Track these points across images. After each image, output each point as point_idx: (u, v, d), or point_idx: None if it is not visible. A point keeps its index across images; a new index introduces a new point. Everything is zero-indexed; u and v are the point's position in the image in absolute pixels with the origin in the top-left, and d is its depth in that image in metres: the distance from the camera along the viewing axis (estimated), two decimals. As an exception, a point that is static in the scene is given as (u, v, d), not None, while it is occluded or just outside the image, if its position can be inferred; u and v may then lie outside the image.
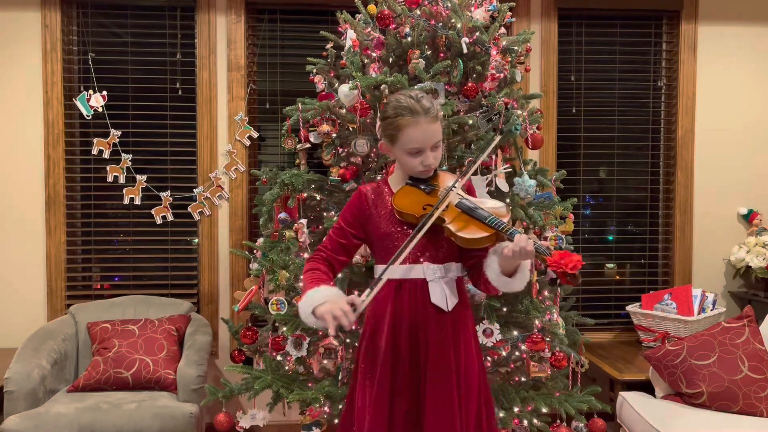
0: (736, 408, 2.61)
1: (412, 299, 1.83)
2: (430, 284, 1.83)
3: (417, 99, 1.80)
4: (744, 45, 3.68)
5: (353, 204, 1.91)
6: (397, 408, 1.82)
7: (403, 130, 1.79)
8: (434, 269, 1.84)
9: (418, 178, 1.87)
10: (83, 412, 2.73)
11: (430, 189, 1.85)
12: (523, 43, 2.62)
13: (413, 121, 1.78)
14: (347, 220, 1.90)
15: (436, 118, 1.81)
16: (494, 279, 1.79)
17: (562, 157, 3.66)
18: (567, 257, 1.59)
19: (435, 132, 1.81)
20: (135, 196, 3.43)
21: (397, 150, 1.84)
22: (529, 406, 2.49)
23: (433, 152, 1.83)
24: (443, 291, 1.83)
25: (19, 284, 3.41)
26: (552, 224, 2.57)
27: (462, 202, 1.80)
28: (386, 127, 1.84)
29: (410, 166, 1.85)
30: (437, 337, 1.82)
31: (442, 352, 1.82)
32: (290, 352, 2.52)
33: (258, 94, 3.56)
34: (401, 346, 1.83)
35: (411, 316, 1.83)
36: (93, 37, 3.46)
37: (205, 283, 3.49)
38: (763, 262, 3.44)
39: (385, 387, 1.82)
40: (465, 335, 1.88)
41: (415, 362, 1.83)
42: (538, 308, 2.48)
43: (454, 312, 1.85)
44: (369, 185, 1.96)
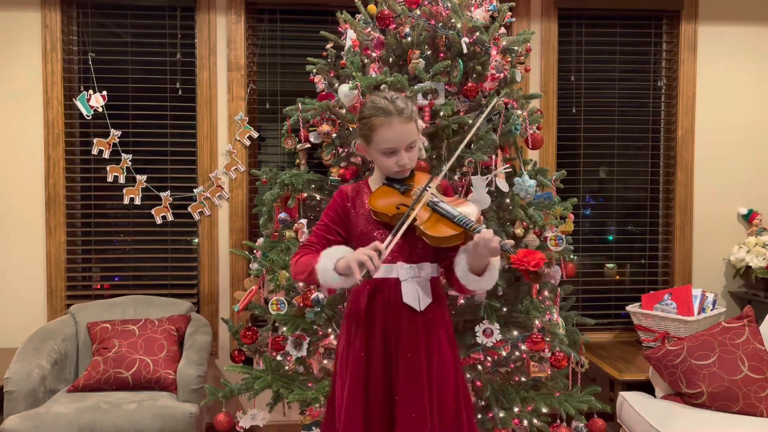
0: (736, 408, 2.61)
1: (386, 299, 1.85)
2: (402, 284, 1.84)
3: (391, 100, 1.82)
4: (744, 45, 3.68)
5: (336, 202, 1.94)
6: (373, 408, 1.83)
7: (376, 131, 1.82)
8: (408, 269, 1.85)
9: (395, 178, 1.89)
10: (83, 412, 2.73)
11: (404, 189, 1.87)
12: (523, 43, 2.62)
13: (386, 121, 1.80)
14: (331, 218, 1.93)
15: (410, 118, 1.83)
16: (462, 276, 1.81)
17: (562, 157, 3.66)
18: (530, 255, 1.61)
19: (409, 132, 1.83)
20: (135, 196, 3.43)
21: (373, 150, 1.87)
22: (529, 406, 2.49)
23: (407, 152, 1.85)
24: (416, 291, 1.84)
25: (19, 284, 3.41)
26: (552, 224, 2.57)
27: (433, 201, 1.82)
28: (361, 128, 1.87)
29: (386, 167, 1.87)
30: (409, 337, 1.83)
31: (413, 353, 1.83)
32: (290, 352, 2.52)
33: (258, 94, 3.56)
34: (375, 345, 1.84)
35: (384, 316, 1.85)
36: (93, 37, 3.46)
37: (205, 283, 3.49)
38: (763, 262, 3.44)
39: (360, 387, 1.83)
40: (438, 335, 1.87)
41: (389, 362, 1.84)
42: (538, 308, 2.48)
43: (426, 312, 1.85)
44: (350, 185, 1.99)
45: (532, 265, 1.60)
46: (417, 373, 1.82)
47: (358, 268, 1.66)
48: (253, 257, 2.77)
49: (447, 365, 1.88)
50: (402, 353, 1.83)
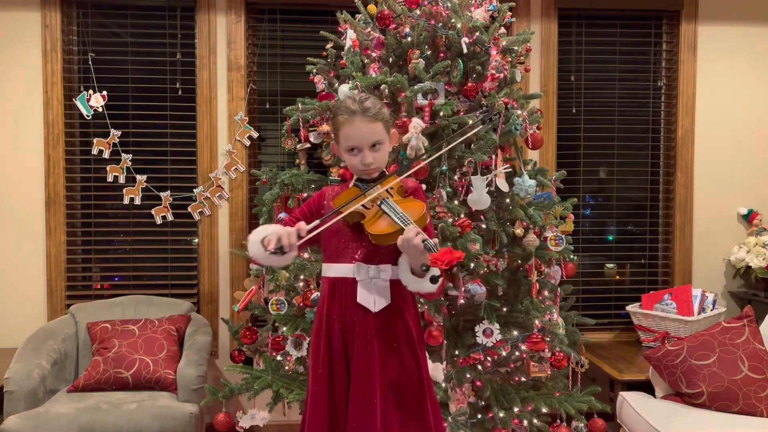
0: (736, 408, 2.61)
1: (344, 299, 1.86)
2: (359, 284, 1.85)
3: (359, 100, 1.85)
4: (744, 45, 3.68)
5: (312, 201, 1.99)
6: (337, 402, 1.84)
7: (340, 129, 1.86)
8: (366, 269, 1.85)
9: (363, 179, 1.90)
10: (83, 412, 2.73)
11: (366, 188, 1.87)
12: (523, 43, 2.62)
13: (348, 119, 1.83)
14: (303, 212, 1.97)
15: (376, 118, 1.84)
16: (401, 277, 1.81)
17: (562, 157, 3.66)
18: (447, 254, 1.60)
19: (372, 132, 1.83)
20: (135, 196, 3.43)
21: (341, 149, 1.90)
22: (529, 406, 2.49)
23: (372, 152, 1.85)
24: (371, 292, 1.84)
25: (19, 284, 3.41)
26: (552, 224, 2.57)
27: (384, 200, 1.83)
28: (332, 127, 1.92)
29: (352, 165, 1.90)
30: (362, 338, 1.84)
31: (364, 353, 1.83)
32: (290, 352, 2.53)
33: (258, 94, 3.56)
34: (335, 345, 1.86)
35: (342, 316, 1.86)
36: (93, 37, 3.46)
37: (205, 283, 3.49)
38: (763, 262, 3.44)
39: (324, 386, 1.85)
40: (395, 336, 1.86)
41: (347, 359, 1.85)
42: (538, 308, 2.48)
43: (383, 314, 1.85)
44: (333, 186, 2.03)
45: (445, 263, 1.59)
46: (369, 374, 1.82)
47: (274, 242, 1.70)
48: (253, 257, 2.77)
49: (407, 366, 1.86)
50: (356, 354, 1.84)
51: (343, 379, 1.85)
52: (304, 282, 2.55)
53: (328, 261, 1.91)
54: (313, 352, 1.91)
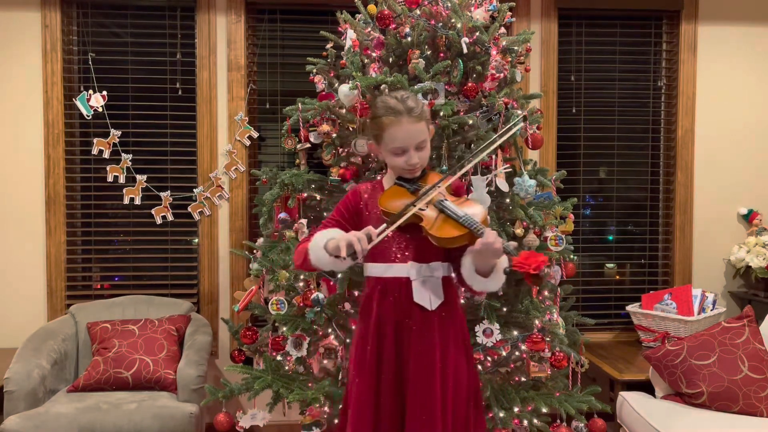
0: (736, 408, 2.61)
1: (397, 298, 1.85)
2: (413, 283, 1.84)
3: (402, 99, 1.82)
4: (744, 45, 3.68)
5: (348, 200, 1.95)
6: (383, 409, 1.83)
7: (386, 130, 1.82)
8: (419, 268, 1.85)
9: (406, 178, 1.89)
10: (83, 412, 2.73)
11: (414, 188, 1.87)
12: (523, 43, 2.62)
13: (396, 120, 1.81)
14: (341, 214, 1.93)
15: (421, 118, 1.83)
16: (468, 277, 1.81)
17: (562, 157, 3.66)
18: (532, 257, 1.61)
19: (418, 132, 1.83)
20: (135, 196, 3.43)
21: (383, 149, 1.87)
22: (529, 406, 2.49)
23: (417, 152, 1.84)
24: (427, 290, 1.84)
25: (19, 284, 3.41)
26: (552, 224, 2.57)
27: (440, 201, 1.82)
28: (372, 128, 1.88)
29: (396, 166, 1.87)
30: (420, 337, 1.83)
31: (425, 352, 1.82)
32: (290, 352, 2.52)
33: (258, 94, 3.56)
34: (386, 345, 1.84)
35: (395, 315, 1.85)
36: (93, 37, 3.46)
37: (205, 283, 3.49)
38: (763, 262, 3.44)
39: (370, 388, 1.83)
40: (453, 335, 1.88)
41: (399, 361, 1.84)
42: (538, 308, 2.48)
43: (438, 311, 1.85)
44: (365, 184, 1.99)
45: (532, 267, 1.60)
46: (429, 374, 1.81)
47: (345, 248, 1.67)
48: (253, 257, 2.77)
49: (460, 367, 1.88)
50: (413, 353, 1.82)
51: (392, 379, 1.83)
52: (304, 282, 2.55)
53: (375, 261, 1.88)
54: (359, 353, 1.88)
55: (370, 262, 1.90)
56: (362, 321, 1.91)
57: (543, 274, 1.62)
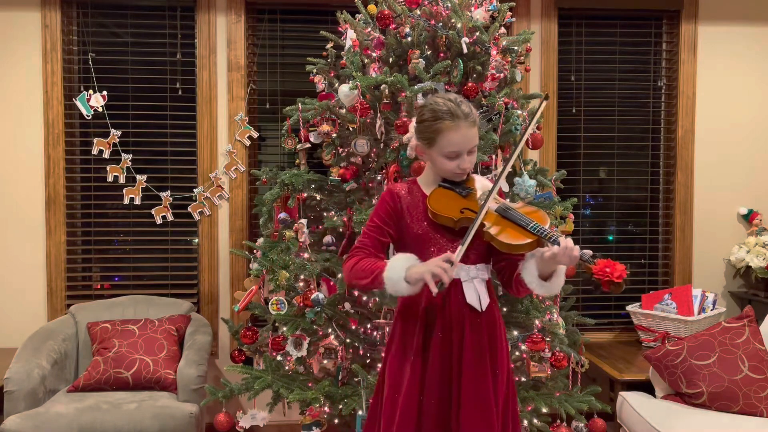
0: (736, 408, 2.61)
1: (446, 299, 1.84)
2: (464, 284, 1.84)
3: (457, 103, 1.81)
4: (744, 45, 3.68)
5: (387, 203, 1.90)
6: (426, 407, 1.82)
7: (442, 134, 1.80)
8: (468, 269, 1.85)
9: (452, 180, 1.88)
10: (83, 412, 2.73)
11: (466, 192, 1.85)
12: (523, 43, 2.62)
13: (454, 125, 1.79)
14: (382, 219, 1.88)
15: (475, 123, 1.83)
16: (531, 282, 1.80)
17: (562, 157, 3.66)
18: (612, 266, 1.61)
19: (473, 137, 1.83)
20: (135, 196, 3.43)
21: (434, 153, 1.84)
22: (529, 406, 2.49)
23: (469, 156, 1.84)
24: (476, 291, 1.85)
25: (19, 284, 3.41)
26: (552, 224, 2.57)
27: (501, 207, 1.82)
28: (424, 130, 1.84)
29: (446, 169, 1.85)
30: (473, 338, 1.83)
31: (478, 353, 1.83)
32: (290, 352, 2.52)
33: (258, 94, 3.56)
34: (433, 346, 1.83)
35: (444, 316, 1.84)
36: (93, 37, 3.46)
37: (205, 283, 3.49)
38: (763, 262, 3.44)
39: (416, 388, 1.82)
40: (499, 336, 1.89)
41: (447, 362, 1.83)
42: (538, 308, 2.48)
43: (487, 312, 1.86)
44: (399, 185, 1.95)
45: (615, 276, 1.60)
46: (483, 375, 1.82)
47: (432, 280, 1.65)
48: (253, 257, 2.77)
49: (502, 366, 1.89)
50: (466, 355, 1.82)
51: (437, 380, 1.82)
52: (304, 282, 2.55)
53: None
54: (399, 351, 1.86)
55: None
56: (405, 321, 1.89)
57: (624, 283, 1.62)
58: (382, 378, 1.94)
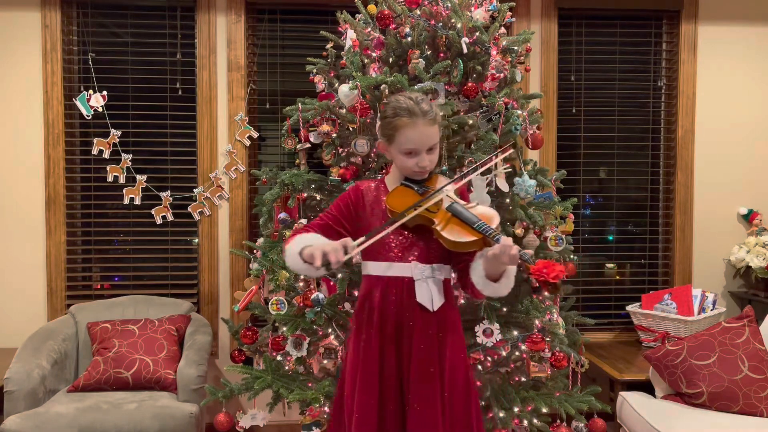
0: (736, 408, 2.61)
1: (399, 297, 1.85)
2: (416, 283, 1.84)
3: (416, 101, 1.82)
4: (744, 45, 3.68)
5: (349, 197, 1.94)
6: (386, 406, 1.83)
7: (400, 131, 1.82)
8: (422, 268, 1.85)
9: (413, 179, 1.89)
10: (83, 412, 2.73)
11: (423, 190, 1.87)
12: (523, 43, 2.62)
13: (411, 122, 1.80)
14: (341, 210, 1.92)
15: (434, 121, 1.83)
16: (478, 282, 1.81)
17: (562, 157, 3.66)
18: (550, 267, 1.61)
19: (432, 135, 1.83)
20: (135, 196, 3.43)
21: (394, 150, 1.87)
22: (529, 406, 2.49)
23: (428, 154, 1.85)
24: (429, 291, 1.85)
25: (19, 284, 3.41)
26: (552, 224, 2.57)
27: (452, 205, 1.82)
28: (384, 127, 1.87)
29: (405, 167, 1.87)
30: (422, 337, 1.83)
31: (426, 352, 1.83)
32: (290, 352, 2.52)
33: (258, 94, 3.56)
34: (387, 343, 1.85)
35: (397, 314, 1.85)
36: (93, 37, 3.46)
37: (205, 283, 3.49)
38: (763, 262, 3.44)
39: (374, 385, 1.83)
40: (452, 337, 1.88)
41: (400, 360, 1.84)
42: (538, 308, 2.48)
43: (439, 312, 1.86)
44: (366, 182, 1.99)
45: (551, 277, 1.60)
46: (430, 374, 1.82)
47: (320, 258, 1.64)
48: (253, 257, 2.77)
49: (459, 368, 1.88)
50: (415, 353, 1.83)
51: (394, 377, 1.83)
52: (304, 282, 2.55)
53: (377, 259, 1.87)
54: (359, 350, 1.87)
55: (370, 261, 1.90)
56: (361, 319, 1.90)
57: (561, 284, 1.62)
58: (343, 376, 1.96)
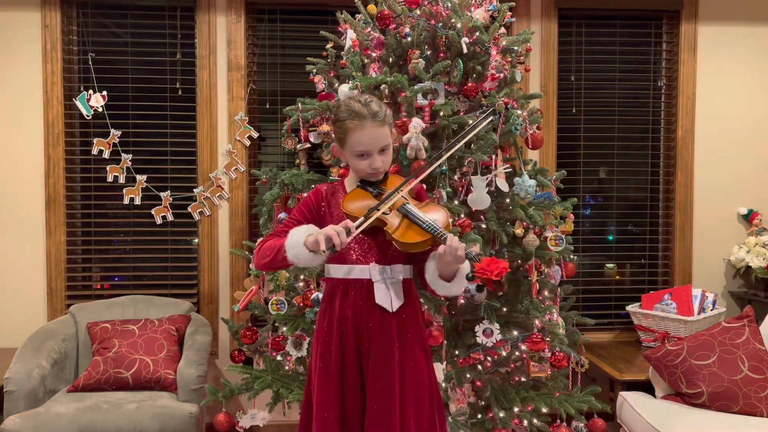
0: (736, 408, 2.61)
1: (358, 299, 1.86)
2: (375, 285, 1.85)
3: (365, 103, 1.83)
4: (744, 45, 3.68)
5: (310, 201, 1.96)
6: (348, 406, 1.84)
7: (349, 134, 1.83)
8: (380, 270, 1.86)
9: (368, 181, 1.90)
10: (83, 412, 2.73)
11: (377, 192, 1.88)
12: (523, 43, 2.62)
13: (359, 125, 1.81)
14: (303, 214, 1.93)
15: (384, 122, 1.84)
16: (431, 281, 1.83)
17: (562, 157, 3.66)
18: (493, 264, 1.63)
19: (382, 136, 1.84)
20: (135, 196, 3.43)
21: (347, 153, 1.88)
22: (529, 406, 2.49)
23: (380, 156, 1.85)
24: (387, 292, 1.85)
25: (19, 284, 3.41)
26: (552, 224, 2.57)
27: (403, 206, 1.83)
28: (336, 131, 1.88)
29: (359, 169, 1.88)
30: (380, 337, 1.84)
31: (384, 352, 1.84)
32: (290, 352, 2.53)
33: (258, 94, 3.56)
34: (348, 345, 1.85)
35: (356, 316, 1.86)
36: (93, 37, 3.46)
37: (205, 283, 3.49)
38: (763, 262, 3.44)
39: (336, 385, 1.84)
40: (411, 337, 1.88)
41: (360, 359, 1.85)
42: (538, 308, 2.48)
43: (398, 313, 1.86)
44: (326, 185, 2.00)
45: (494, 274, 1.62)
46: (388, 375, 1.83)
47: (324, 241, 1.68)
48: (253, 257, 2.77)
49: (420, 367, 1.89)
50: (373, 354, 1.84)
51: (355, 379, 1.84)
52: (304, 282, 2.55)
53: (337, 262, 1.89)
54: (322, 353, 1.88)
55: (332, 264, 1.91)
56: (324, 321, 1.91)
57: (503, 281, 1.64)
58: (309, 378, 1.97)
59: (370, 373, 1.83)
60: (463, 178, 2.45)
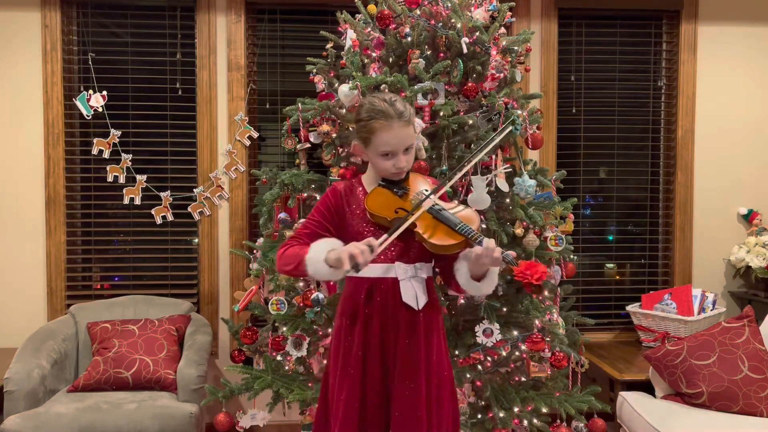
0: (736, 408, 2.61)
1: (384, 298, 1.85)
2: (401, 283, 1.85)
3: (390, 102, 1.82)
4: (744, 45, 3.68)
5: (329, 199, 1.93)
6: (369, 405, 1.84)
7: (376, 134, 1.82)
8: (405, 269, 1.86)
9: (390, 180, 1.90)
10: (83, 412, 2.73)
11: (402, 192, 1.88)
12: (523, 43, 2.62)
13: (386, 125, 1.80)
14: (323, 214, 1.91)
15: (409, 122, 1.84)
16: (464, 283, 1.84)
17: (562, 157, 3.66)
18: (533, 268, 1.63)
19: (408, 136, 1.84)
20: (135, 196, 3.43)
21: (371, 152, 1.87)
22: (529, 406, 2.49)
23: (405, 155, 1.85)
24: (414, 290, 1.85)
25: (19, 284, 3.41)
26: (552, 224, 2.57)
27: (433, 208, 1.83)
28: (360, 130, 1.87)
29: (383, 168, 1.87)
30: (407, 336, 1.84)
31: (412, 351, 1.84)
32: (290, 352, 2.53)
33: (258, 94, 3.56)
34: (372, 344, 1.85)
35: (382, 315, 1.85)
36: (93, 37, 3.46)
37: (205, 283, 3.49)
38: (763, 262, 3.44)
39: (357, 384, 1.84)
40: (437, 337, 1.89)
41: (385, 360, 1.85)
42: (538, 308, 2.48)
43: (424, 311, 1.87)
44: (343, 183, 1.98)
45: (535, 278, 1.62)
46: (415, 373, 1.82)
47: (348, 260, 1.65)
48: (253, 257, 2.77)
49: (444, 368, 1.90)
50: (400, 352, 1.83)
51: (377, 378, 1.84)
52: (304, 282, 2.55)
53: None
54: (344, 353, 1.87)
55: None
56: (345, 319, 1.90)
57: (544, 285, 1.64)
58: (326, 377, 1.96)
59: (397, 372, 1.82)
60: (464, 178, 2.45)
